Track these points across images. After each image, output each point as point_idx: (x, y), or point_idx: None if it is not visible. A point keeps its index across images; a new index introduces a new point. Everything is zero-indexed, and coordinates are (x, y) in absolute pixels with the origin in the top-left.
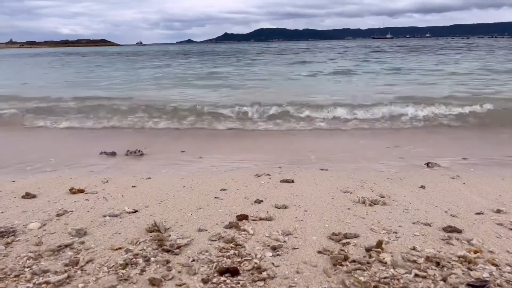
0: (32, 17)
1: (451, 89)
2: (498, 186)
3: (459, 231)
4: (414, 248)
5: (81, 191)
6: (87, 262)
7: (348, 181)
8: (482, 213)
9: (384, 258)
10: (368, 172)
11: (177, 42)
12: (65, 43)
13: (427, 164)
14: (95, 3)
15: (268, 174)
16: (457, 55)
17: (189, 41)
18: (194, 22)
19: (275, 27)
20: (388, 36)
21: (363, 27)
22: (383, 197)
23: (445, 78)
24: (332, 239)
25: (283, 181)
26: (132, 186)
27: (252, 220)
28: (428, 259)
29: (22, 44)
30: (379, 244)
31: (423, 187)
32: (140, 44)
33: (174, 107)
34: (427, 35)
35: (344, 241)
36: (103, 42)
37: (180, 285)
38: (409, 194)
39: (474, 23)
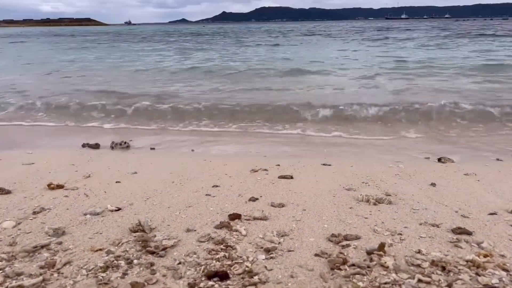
0: None
1: None
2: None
3: (469, 233)
4: (419, 251)
5: (60, 186)
6: (65, 264)
7: (352, 178)
8: (496, 214)
9: (386, 262)
10: (374, 167)
11: (169, 22)
12: (46, 22)
13: (439, 159)
14: None
15: (265, 169)
16: None
17: (183, 21)
18: (189, 0)
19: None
20: (403, 16)
21: (376, 7)
22: (389, 195)
23: None
24: (331, 241)
25: (281, 177)
26: (116, 182)
27: (245, 219)
28: (433, 263)
29: None
30: (381, 246)
31: (433, 184)
32: (129, 23)
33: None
34: (446, 16)
35: (344, 243)
36: (88, 21)
37: None
38: (418, 192)
39: (498, 3)
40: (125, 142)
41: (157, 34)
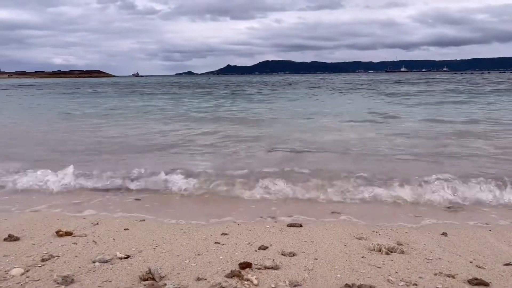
0: (24, 46)
1: None
2: None
3: (486, 284)
4: None
5: (68, 233)
6: None
7: (361, 226)
8: (511, 264)
9: None
10: (384, 217)
11: (176, 74)
12: (57, 73)
13: (449, 207)
14: (91, 33)
15: (273, 217)
16: None
17: (189, 73)
18: (195, 53)
19: (281, 59)
20: (402, 69)
21: (376, 60)
22: (401, 244)
23: None
24: None
25: (290, 225)
26: (125, 229)
27: (256, 268)
28: None
29: (11, 74)
30: None
31: (445, 234)
32: (136, 75)
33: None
34: (444, 69)
35: None
36: (97, 73)
37: None
38: (430, 241)
39: (495, 57)
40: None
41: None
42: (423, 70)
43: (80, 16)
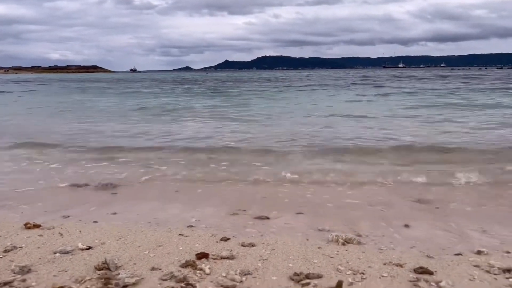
0: (20, 41)
1: None
2: (487, 225)
3: (430, 273)
4: None
5: (36, 226)
6: None
7: (327, 218)
8: (461, 254)
9: None
10: (351, 209)
11: (174, 69)
12: (54, 68)
13: (419, 200)
14: (88, 28)
15: (244, 210)
16: None
17: (187, 68)
18: (192, 49)
19: (279, 54)
20: (400, 65)
21: (374, 56)
22: (360, 235)
23: None
24: (293, 280)
25: (257, 217)
26: (94, 222)
27: (212, 258)
28: None
29: (7, 70)
30: (339, 285)
31: (406, 225)
32: (134, 71)
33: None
34: (442, 65)
35: (305, 281)
36: (94, 69)
37: None
38: (389, 233)
39: (493, 53)
40: (111, 184)
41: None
42: (421, 66)
43: (77, 10)
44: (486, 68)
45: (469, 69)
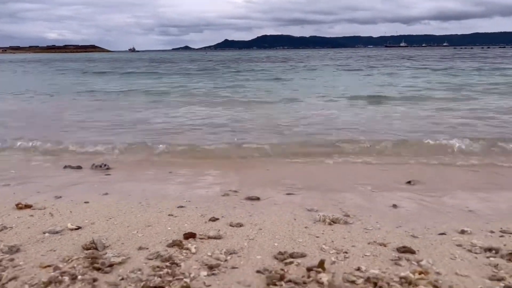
0: (16, 20)
1: None
2: (475, 205)
3: (412, 252)
4: (358, 269)
5: (28, 206)
6: (10, 280)
7: (317, 199)
8: (445, 234)
9: (321, 278)
10: (342, 190)
11: (173, 49)
12: (51, 48)
13: (409, 181)
14: (85, 7)
15: (235, 191)
16: None
17: (186, 48)
18: (191, 28)
19: (279, 33)
20: (402, 44)
21: (375, 35)
22: (348, 216)
23: None
24: (277, 259)
25: (248, 198)
26: (85, 202)
27: (199, 238)
28: (368, 280)
29: (5, 49)
30: (321, 263)
31: (395, 206)
32: (133, 50)
33: None
34: (445, 44)
35: (288, 260)
36: (92, 48)
37: None
38: (377, 213)
39: (496, 32)
40: (105, 165)
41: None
42: (423, 45)
43: None
44: (488, 48)
45: (471, 48)
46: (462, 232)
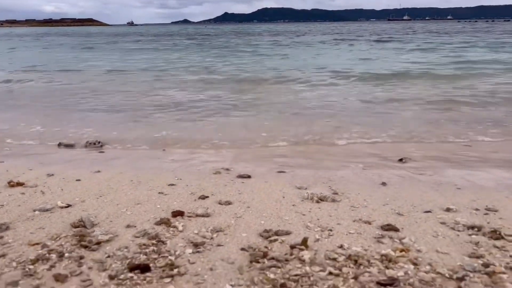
0: None
1: None
2: (463, 182)
3: (396, 230)
4: (341, 246)
5: (20, 184)
6: None
7: (307, 177)
8: (431, 212)
9: (303, 256)
10: (333, 170)
11: (172, 22)
12: (48, 22)
13: (401, 159)
14: None
15: (227, 169)
16: None
17: (186, 21)
18: (191, 0)
19: (280, 6)
20: (405, 18)
21: (378, 8)
22: (336, 193)
23: None
24: (262, 236)
25: (239, 176)
26: (76, 180)
27: (187, 216)
28: (349, 257)
29: (1, 23)
30: (304, 241)
31: (384, 184)
32: (131, 24)
33: None
34: (449, 17)
35: (273, 238)
36: (90, 22)
37: (84, 281)
38: (366, 191)
39: (501, 5)
40: (98, 142)
41: None
42: (427, 18)
43: None
44: (493, 21)
45: (475, 21)
46: (448, 210)
